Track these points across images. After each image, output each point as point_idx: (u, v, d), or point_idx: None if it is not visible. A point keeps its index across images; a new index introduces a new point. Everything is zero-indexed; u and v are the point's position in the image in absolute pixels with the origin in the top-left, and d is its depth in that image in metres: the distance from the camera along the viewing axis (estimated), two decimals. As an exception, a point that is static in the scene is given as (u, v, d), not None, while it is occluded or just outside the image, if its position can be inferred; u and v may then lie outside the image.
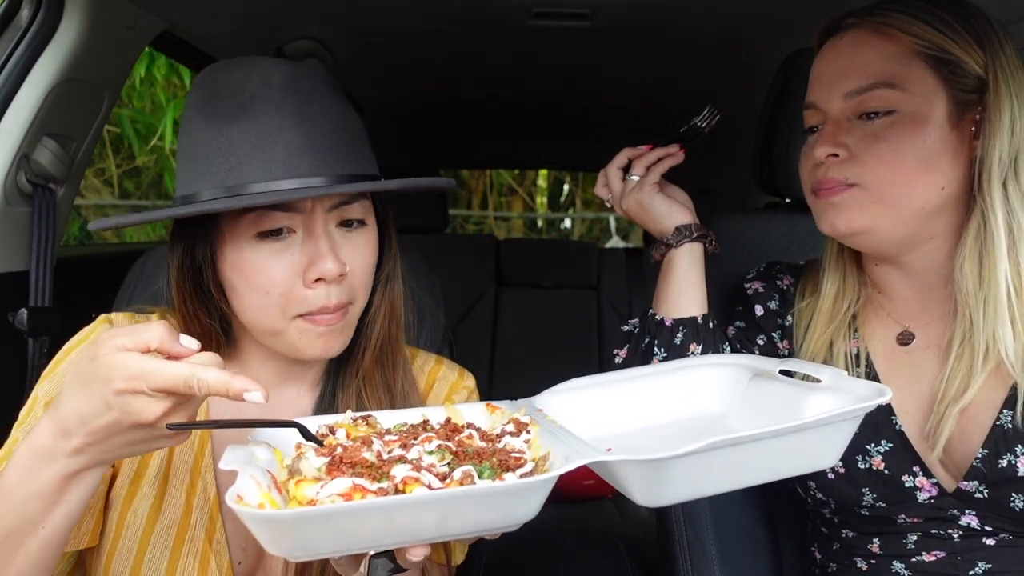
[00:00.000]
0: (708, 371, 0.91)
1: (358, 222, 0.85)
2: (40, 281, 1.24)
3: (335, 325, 0.84)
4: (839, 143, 0.91)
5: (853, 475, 0.96)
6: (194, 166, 0.80)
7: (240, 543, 0.88)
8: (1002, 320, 0.87)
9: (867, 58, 0.89)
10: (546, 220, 7.56)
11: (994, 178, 0.86)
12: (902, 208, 0.89)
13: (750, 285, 1.14)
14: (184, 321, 0.87)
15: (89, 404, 0.62)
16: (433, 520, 0.58)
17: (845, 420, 0.70)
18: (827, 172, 0.92)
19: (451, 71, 1.99)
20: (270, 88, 0.79)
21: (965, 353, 0.89)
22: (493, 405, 0.81)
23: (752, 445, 0.66)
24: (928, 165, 0.87)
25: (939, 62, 0.87)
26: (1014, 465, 0.87)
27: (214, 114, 0.79)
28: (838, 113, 0.92)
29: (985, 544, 0.92)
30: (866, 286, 1.02)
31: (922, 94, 0.88)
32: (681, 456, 0.62)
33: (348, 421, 0.76)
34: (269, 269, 0.80)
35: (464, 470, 0.62)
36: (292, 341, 0.83)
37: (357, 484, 0.59)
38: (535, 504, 0.61)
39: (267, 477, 0.62)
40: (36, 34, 1.18)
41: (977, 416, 0.89)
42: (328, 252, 0.80)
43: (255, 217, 0.79)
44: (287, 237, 0.81)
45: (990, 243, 0.87)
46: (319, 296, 0.81)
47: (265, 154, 0.78)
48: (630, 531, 2.14)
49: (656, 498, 0.68)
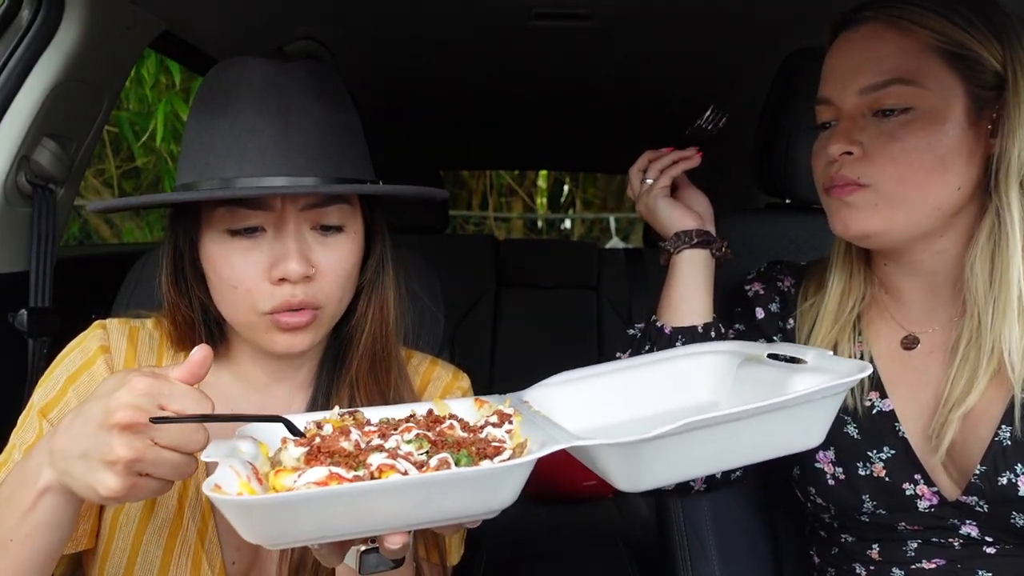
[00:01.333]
0: (698, 360, 0.90)
1: (335, 228, 0.85)
2: (40, 281, 1.24)
3: (304, 329, 0.84)
4: (853, 140, 0.88)
5: (853, 482, 0.95)
6: (186, 158, 0.83)
7: (234, 543, 0.88)
8: (1010, 320, 0.85)
9: (882, 53, 0.87)
10: (546, 220, 7.55)
11: (1012, 177, 0.85)
12: (916, 209, 0.87)
13: (750, 287, 1.12)
14: (170, 313, 0.89)
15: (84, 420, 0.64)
16: (408, 506, 0.58)
17: (823, 397, 0.70)
18: (840, 170, 0.90)
19: (451, 71, 1.99)
20: (251, 88, 0.81)
21: (971, 355, 0.88)
22: (481, 400, 0.82)
23: (728, 426, 0.66)
24: (944, 166, 0.86)
25: (957, 57, 0.85)
26: (1015, 484, 0.85)
27: (204, 110, 0.82)
28: (852, 109, 0.90)
29: (986, 553, 0.91)
30: (872, 285, 1.01)
31: (939, 91, 0.85)
32: (655, 439, 0.62)
33: (336, 417, 0.76)
34: (236, 265, 0.82)
35: (440, 457, 0.62)
36: (260, 336, 0.85)
37: (333, 472, 0.59)
38: (511, 490, 0.61)
39: (248, 468, 0.62)
40: (36, 34, 1.18)
41: (978, 428, 0.88)
42: (293, 252, 0.81)
43: (225, 212, 0.81)
44: (258, 235, 0.82)
45: (1004, 243, 0.86)
46: (283, 294, 0.82)
47: (238, 151, 0.79)
48: (630, 531, 2.13)
49: (636, 482, 0.68)
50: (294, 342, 0.85)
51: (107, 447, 0.61)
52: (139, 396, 0.62)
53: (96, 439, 0.62)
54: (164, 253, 0.87)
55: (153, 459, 0.62)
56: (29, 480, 0.67)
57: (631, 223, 7.14)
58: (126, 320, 0.93)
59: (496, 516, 0.63)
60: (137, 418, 0.61)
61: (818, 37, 1.00)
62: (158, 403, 0.63)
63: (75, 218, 5.13)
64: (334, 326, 0.90)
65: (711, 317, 1.06)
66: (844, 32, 0.92)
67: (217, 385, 0.92)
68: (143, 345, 0.91)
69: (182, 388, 0.65)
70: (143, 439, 0.62)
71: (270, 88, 0.81)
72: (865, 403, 0.96)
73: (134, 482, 0.63)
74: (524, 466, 0.60)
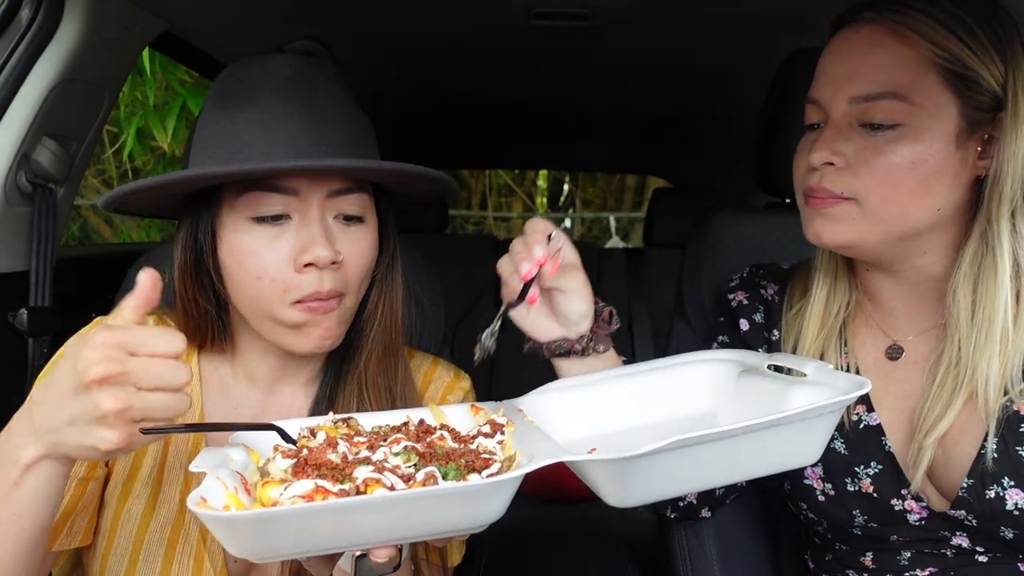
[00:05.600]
0: (697, 368, 0.89)
1: (356, 219, 0.86)
2: (40, 281, 1.24)
3: (331, 313, 0.83)
4: (837, 151, 0.85)
5: (843, 497, 0.94)
6: (203, 149, 0.82)
7: None
8: (990, 354, 0.83)
9: (879, 62, 0.83)
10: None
11: (1004, 203, 0.82)
12: (893, 226, 0.85)
13: (733, 296, 1.10)
14: (183, 307, 0.87)
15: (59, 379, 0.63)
16: (393, 521, 0.58)
17: (820, 415, 0.68)
18: (820, 181, 0.87)
19: (451, 71, 1.99)
20: (278, 78, 0.82)
21: (948, 380, 0.86)
22: (477, 407, 0.81)
23: (720, 443, 0.64)
24: (926, 186, 0.83)
25: (956, 76, 0.81)
26: (1002, 498, 0.84)
27: (227, 105, 0.82)
28: (840, 117, 0.86)
29: (978, 561, 0.90)
30: (857, 290, 0.99)
31: (932, 108, 0.82)
32: (645, 455, 0.60)
33: (329, 424, 0.76)
34: (262, 253, 0.81)
35: (428, 471, 0.62)
36: (287, 333, 0.83)
37: (319, 486, 0.59)
38: (498, 505, 0.60)
39: (236, 479, 0.62)
40: (36, 34, 1.18)
41: (961, 444, 0.86)
42: (320, 237, 0.81)
43: (252, 199, 0.80)
44: (282, 223, 0.82)
45: (990, 273, 0.83)
46: (311, 281, 0.81)
47: (268, 138, 0.79)
48: (630, 531, 2.13)
49: (626, 498, 0.67)
50: (323, 342, 0.84)
51: (92, 405, 0.60)
52: (106, 348, 0.60)
53: (78, 402, 0.61)
54: (178, 246, 0.85)
55: (142, 405, 0.61)
56: (9, 461, 0.66)
57: (631, 223, 7.13)
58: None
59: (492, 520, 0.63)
60: (112, 369, 0.59)
61: (818, 38, 0.99)
62: (127, 350, 0.61)
63: (75, 218, 5.14)
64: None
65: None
66: (844, 30, 0.89)
67: (221, 381, 0.92)
68: None
69: (143, 331, 0.62)
70: (125, 388, 0.60)
71: (298, 78, 0.83)
72: (852, 417, 0.95)
73: (131, 430, 0.61)
74: (510, 482, 0.59)
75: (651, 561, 1.83)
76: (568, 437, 0.82)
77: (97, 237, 5.41)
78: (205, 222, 0.84)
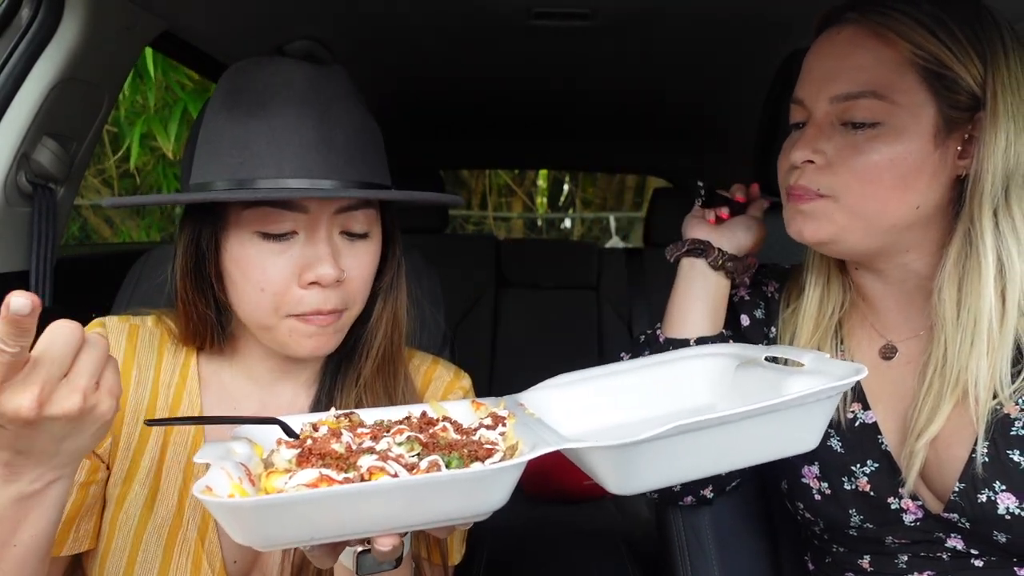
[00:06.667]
0: (695, 362, 0.90)
1: (360, 235, 0.86)
2: (40, 281, 1.24)
3: (327, 327, 0.84)
4: (818, 149, 0.87)
5: (839, 496, 0.94)
6: (209, 155, 0.81)
7: (235, 542, 0.88)
8: (978, 353, 0.83)
9: (860, 62, 0.85)
10: (546, 220, 7.55)
11: (985, 202, 0.82)
12: (872, 223, 0.86)
13: (735, 292, 1.11)
14: (183, 309, 0.87)
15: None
16: (398, 508, 0.58)
17: (818, 400, 0.69)
18: (800, 179, 0.89)
19: (450, 71, 1.99)
20: (291, 88, 0.80)
21: (935, 383, 0.86)
22: (478, 402, 0.82)
23: (720, 428, 0.65)
24: (905, 184, 0.84)
25: (933, 75, 0.83)
26: (994, 502, 0.84)
27: (235, 108, 0.80)
28: (822, 117, 0.88)
29: (974, 565, 0.90)
30: (851, 291, 0.99)
31: (910, 107, 0.83)
32: (645, 441, 0.61)
33: (331, 419, 0.76)
34: (267, 267, 0.81)
35: (431, 459, 0.62)
36: (282, 338, 0.84)
37: (324, 474, 0.59)
38: (501, 492, 0.61)
39: (241, 470, 0.62)
40: (36, 34, 1.18)
41: (952, 446, 0.87)
42: (327, 256, 0.80)
43: (260, 213, 0.80)
44: (289, 238, 0.81)
45: (975, 273, 0.83)
46: (314, 299, 0.81)
47: (278, 151, 0.78)
48: (630, 531, 2.13)
49: (628, 485, 0.68)
50: (319, 346, 0.84)
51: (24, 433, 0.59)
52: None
53: (13, 436, 0.60)
54: (180, 250, 0.85)
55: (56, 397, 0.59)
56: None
57: (631, 223, 7.14)
58: (126, 317, 0.93)
59: (496, 516, 0.63)
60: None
61: (818, 37, 0.99)
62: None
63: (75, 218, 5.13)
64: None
65: (710, 331, 1.04)
66: (828, 31, 0.91)
67: (221, 382, 0.93)
68: (142, 342, 0.91)
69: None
70: (27, 395, 0.57)
71: (310, 90, 0.81)
72: (848, 415, 0.95)
73: (84, 405, 0.60)
74: (513, 468, 0.59)
75: (651, 561, 1.84)
76: (568, 432, 0.82)
77: (97, 237, 5.41)
78: (209, 230, 0.83)
